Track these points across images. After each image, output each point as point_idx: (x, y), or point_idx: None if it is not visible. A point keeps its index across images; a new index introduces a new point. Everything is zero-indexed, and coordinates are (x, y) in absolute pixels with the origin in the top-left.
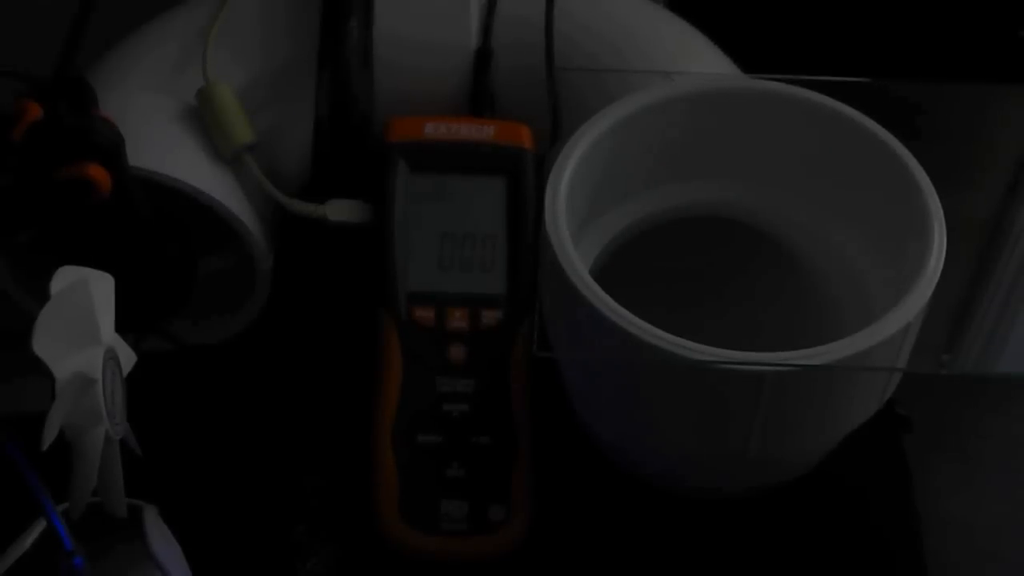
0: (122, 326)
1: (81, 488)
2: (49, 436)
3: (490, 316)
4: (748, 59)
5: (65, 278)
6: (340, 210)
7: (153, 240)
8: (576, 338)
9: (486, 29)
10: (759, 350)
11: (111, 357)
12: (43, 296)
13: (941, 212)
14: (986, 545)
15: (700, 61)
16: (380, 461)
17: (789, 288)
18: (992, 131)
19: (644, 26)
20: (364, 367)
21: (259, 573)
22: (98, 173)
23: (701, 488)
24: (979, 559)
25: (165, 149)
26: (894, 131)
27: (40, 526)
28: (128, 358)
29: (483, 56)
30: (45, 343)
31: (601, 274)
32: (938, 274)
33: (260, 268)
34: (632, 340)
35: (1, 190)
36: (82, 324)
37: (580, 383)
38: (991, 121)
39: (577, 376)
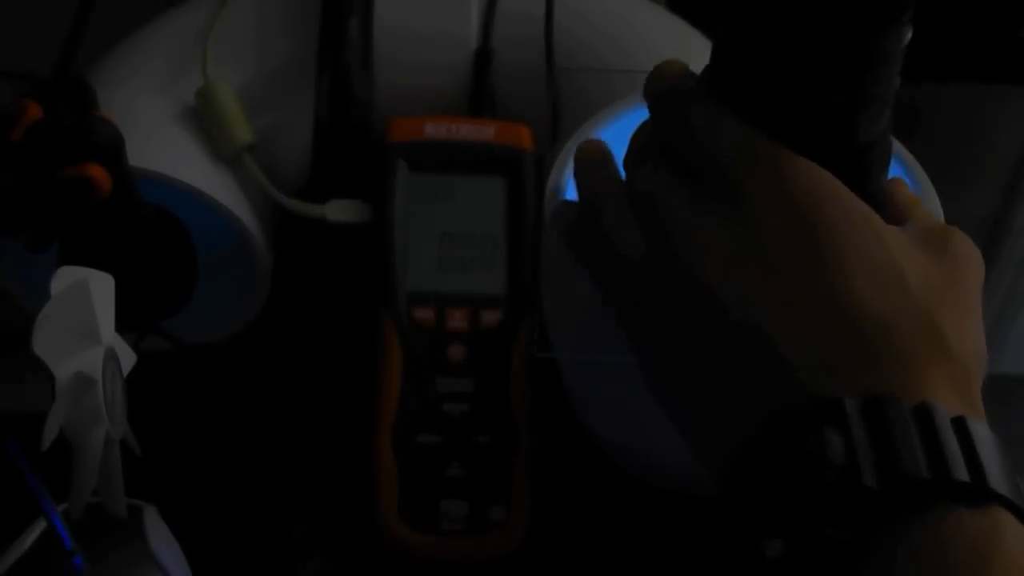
0: (122, 326)
1: (81, 488)
2: (49, 436)
3: (490, 316)
4: None
5: (65, 278)
6: (340, 210)
7: (153, 240)
8: (577, 338)
9: (487, 28)
10: None
11: (111, 357)
12: (43, 296)
13: (941, 212)
14: None
15: (700, 61)
16: (380, 461)
17: None
18: (992, 131)
19: (644, 26)
20: (364, 367)
21: (259, 573)
22: (98, 173)
23: (701, 487)
24: None
25: (165, 149)
26: (894, 131)
27: (40, 526)
28: (128, 358)
29: (484, 56)
30: (45, 343)
31: None
32: None
33: (260, 268)
34: None
35: (1, 190)
36: (82, 324)
37: (580, 383)
38: (991, 121)
39: (577, 376)
